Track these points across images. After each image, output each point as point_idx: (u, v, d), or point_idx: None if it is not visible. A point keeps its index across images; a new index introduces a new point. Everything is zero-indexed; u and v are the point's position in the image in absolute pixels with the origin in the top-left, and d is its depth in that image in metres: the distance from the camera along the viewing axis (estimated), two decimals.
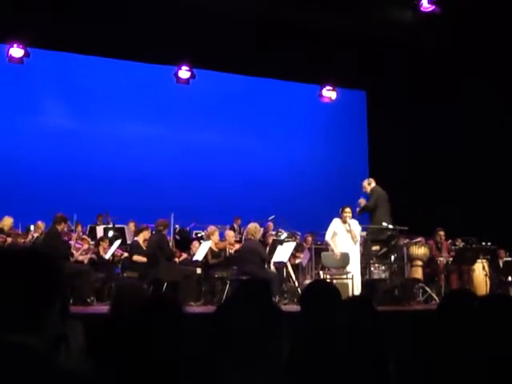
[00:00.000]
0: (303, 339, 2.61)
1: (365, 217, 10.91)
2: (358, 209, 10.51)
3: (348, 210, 9.88)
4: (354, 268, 9.67)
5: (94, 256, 10.38)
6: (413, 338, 3.03)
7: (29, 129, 14.34)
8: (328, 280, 9.16)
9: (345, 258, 9.63)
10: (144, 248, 10.01)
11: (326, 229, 10.17)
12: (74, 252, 9.82)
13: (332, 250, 9.87)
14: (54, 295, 1.53)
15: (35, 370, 1.42)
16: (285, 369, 1.80)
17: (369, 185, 10.73)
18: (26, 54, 13.19)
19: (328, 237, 9.95)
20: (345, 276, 9.55)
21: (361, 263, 10.00)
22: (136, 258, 10.00)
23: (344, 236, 9.84)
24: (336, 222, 9.93)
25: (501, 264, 12.66)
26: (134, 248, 10.22)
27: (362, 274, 9.99)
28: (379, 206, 10.35)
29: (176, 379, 1.78)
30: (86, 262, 10.15)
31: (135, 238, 10.50)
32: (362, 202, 10.58)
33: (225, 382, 1.69)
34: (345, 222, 9.83)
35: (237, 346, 1.74)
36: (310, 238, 12.14)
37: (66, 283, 1.63)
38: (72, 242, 10.02)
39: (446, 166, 15.22)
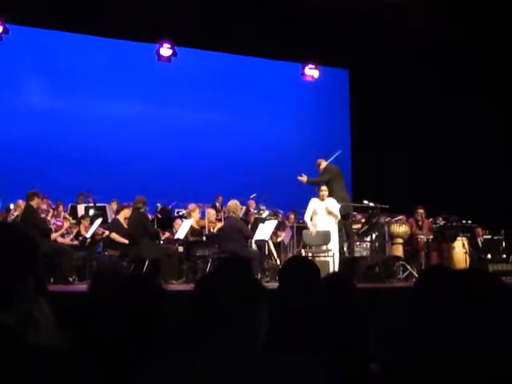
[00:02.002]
0: (279, 316, 2.62)
1: None
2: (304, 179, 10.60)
3: (324, 188, 9.98)
4: (335, 246, 9.76)
5: (75, 242, 10.33)
6: (393, 314, 3.05)
7: (8, 107, 14.14)
8: (309, 257, 9.18)
9: (326, 236, 9.68)
10: (125, 226, 9.97)
11: (307, 207, 10.22)
12: (53, 229, 9.75)
13: (310, 229, 9.94)
14: (26, 271, 1.51)
15: (6, 346, 1.40)
16: (263, 345, 1.80)
17: (319, 165, 10.79)
18: (5, 31, 12.99)
19: (307, 217, 10.04)
20: (326, 254, 9.62)
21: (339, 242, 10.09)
22: (114, 236, 9.96)
23: (324, 214, 9.90)
24: (314, 202, 10.03)
25: (479, 242, 12.80)
26: (115, 226, 10.18)
27: (341, 252, 10.09)
28: (335, 182, 10.38)
29: (153, 356, 1.78)
30: (67, 241, 10.10)
31: (116, 216, 10.45)
32: (303, 178, 10.62)
33: (202, 358, 1.69)
34: (322, 200, 9.91)
35: (215, 320, 1.73)
36: (292, 216, 12.18)
37: (40, 260, 1.61)
38: (52, 220, 9.95)
39: (428, 145, 15.28)
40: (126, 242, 9.71)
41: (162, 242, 10.42)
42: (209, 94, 15.78)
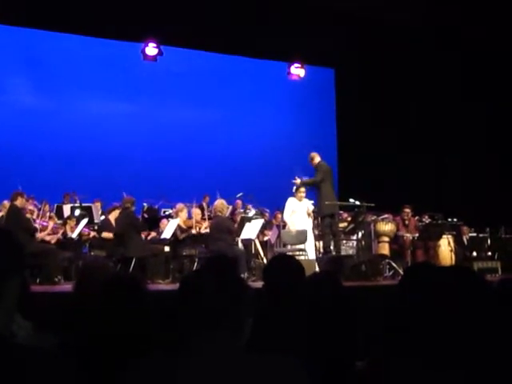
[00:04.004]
0: (265, 314, 2.62)
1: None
2: (295, 186, 10.69)
3: (303, 189, 10.43)
4: (310, 244, 9.97)
5: (60, 237, 10.27)
6: (379, 312, 3.06)
7: None
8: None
9: (304, 235, 9.88)
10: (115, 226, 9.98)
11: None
12: (38, 231, 9.68)
13: (288, 228, 10.34)
14: (10, 273, 1.50)
15: None
16: (248, 344, 1.81)
17: (312, 159, 10.87)
18: None
19: (286, 216, 10.41)
20: (301, 253, 9.81)
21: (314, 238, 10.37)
22: (105, 234, 9.96)
23: (302, 213, 10.30)
24: (292, 201, 10.42)
25: (465, 239, 12.87)
26: (105, 226, 10.18)
27: (327, 251, 10.26)
28: (325, 181, 10.53)
29: (136, 355, 1.78)
30: (53, 242, 10.05)
31: (107, 217, 10.43)
32: (298, 181, 10.73)
33: (187, 358, 1.69)
34: (300, 200, 10.30)
35: (200, 319, 1.73)
36: (279, 216, 12.19)
37: (24, 262, 1.61)
38: (38, 221, 9.89)
39: (414, 143, 15.34)
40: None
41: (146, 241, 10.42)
42: (195, 94, 15.75)
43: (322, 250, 10.45)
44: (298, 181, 10.70)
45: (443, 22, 13.88)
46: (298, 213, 10.20)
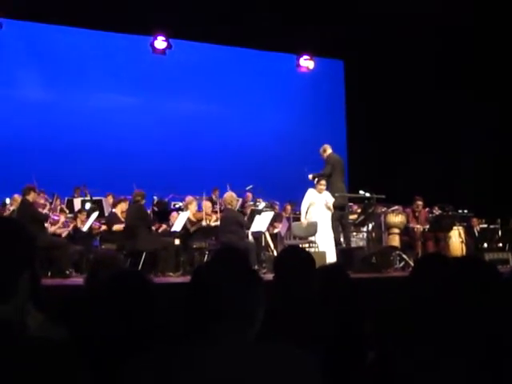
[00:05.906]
0: (275, 306, 2.63)
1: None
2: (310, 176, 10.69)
3: (323, 182, 10.27)
4: (327, 237, 9.87)
5: (71, 231, 10.34)
6: (389, 303, 3.06)
7: (2, 100, 14.10)
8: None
9: (314, 227, 9.83)
10: (122, 219, 9.99)
11: (303, 198, 10.37)
12: (49, 225, 9.73)
13: (303, 220, 10.22)
14: (21, 266, 1.51)
15: (8, 339, 1.41)
16: (259, 335, 1.81)
17: (324, 152, 10.84)
18: None
19: (303, 207, 10.28)
20: (313, 245, 9.81)
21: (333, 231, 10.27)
22: (116, 227, 9.99)
23: (321, 206, 10.16)
24: (312, 193, 10.26)
25: (476, 231, 12.84)
26: (112, 219, 10.20)
27: (338, 243, 10.22)
28: (335, 174, 10.50)
29: (146, 347, 1.78)
30: (63, 235, 10.11)
31: (113, 210, 10.47)
32: (310, 176, 10.72)
33: (198, 349, 1.69)
34: (320, 192, 10.17)
35: (212, 311, 1.73)
36: (288, 208, 12.21)
37: (35, 254, 1.61)
38: (49, 214, 9.94)
39: (424, 135, 15.28)
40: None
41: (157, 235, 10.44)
42: (204, 87, 15.76)
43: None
44: (311, 176, 10.71)
45: (452, 14, 13.80)
46: (317, 205, 10.13)
